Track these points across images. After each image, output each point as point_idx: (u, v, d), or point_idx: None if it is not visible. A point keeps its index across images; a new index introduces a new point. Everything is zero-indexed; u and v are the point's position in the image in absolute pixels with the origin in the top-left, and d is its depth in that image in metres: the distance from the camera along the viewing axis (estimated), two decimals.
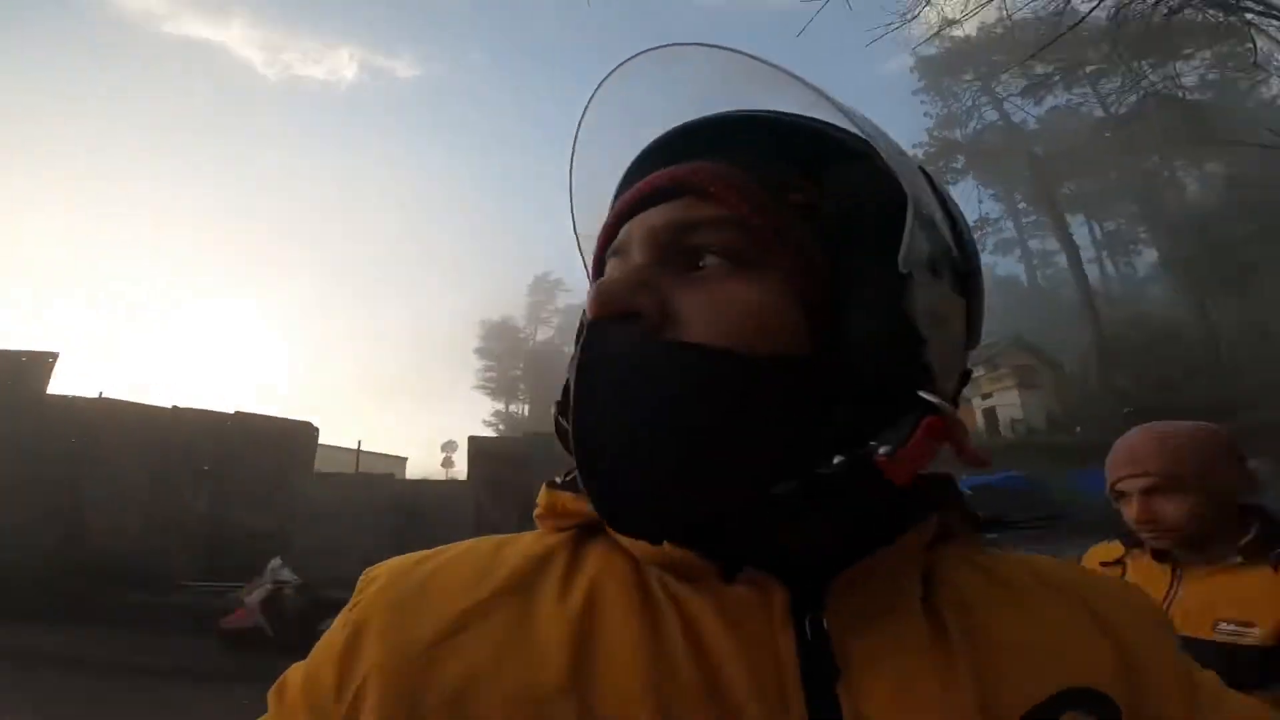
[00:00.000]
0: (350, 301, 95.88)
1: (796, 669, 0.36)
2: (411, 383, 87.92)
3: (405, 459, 22.07)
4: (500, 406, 58.88)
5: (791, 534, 0.38)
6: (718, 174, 0.41)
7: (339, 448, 15.33)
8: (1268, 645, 1.10)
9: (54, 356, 10.19)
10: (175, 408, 10.99)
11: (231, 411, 11.40)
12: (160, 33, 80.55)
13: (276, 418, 11.71)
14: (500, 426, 54.17)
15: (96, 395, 10.48)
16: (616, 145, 0.48)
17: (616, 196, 0.49)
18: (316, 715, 0.38)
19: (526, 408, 57.98)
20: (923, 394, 0.35)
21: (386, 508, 10.94)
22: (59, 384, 10.35)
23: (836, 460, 0.35)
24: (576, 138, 0.49)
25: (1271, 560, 1.16)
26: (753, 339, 0.37)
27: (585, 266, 0.51)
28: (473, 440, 13.06)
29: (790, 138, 0.43)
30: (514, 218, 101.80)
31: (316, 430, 12.01)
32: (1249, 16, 4.66)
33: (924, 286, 0.38)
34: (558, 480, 0.46)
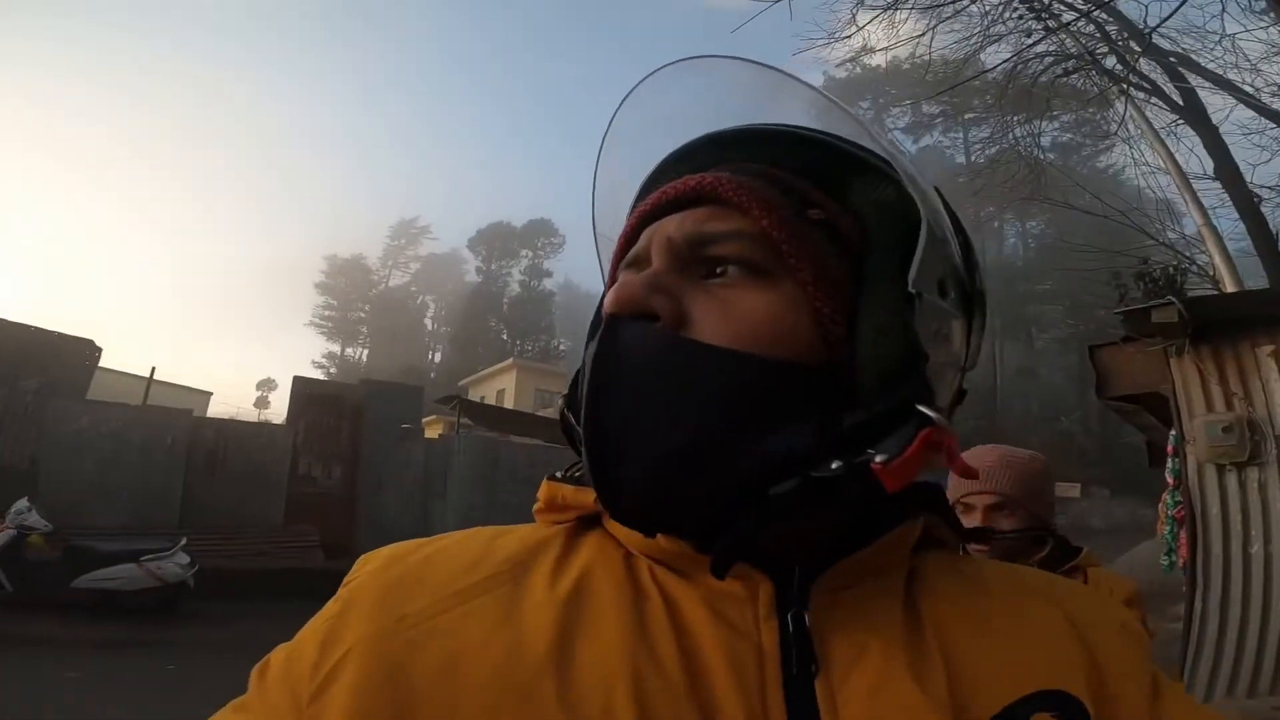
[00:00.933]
0: (177, 214, 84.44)
1: (778, 662, 0.37)
2: (231, 311, 79.52)
3: (209, 394, 19.71)
4: (335, 349, 54.86)
5: (782, 533, 0.38)
6: (740, 185, 0.42)
7: (128, 374, 13.42)
8: None
9: None
10: None
11: None
12: None
13: (45, 330, 10.16)
14: (332, 370, 50.41)
15: None
16: (641, 151, 0.50)
17: (636, 201, 0.50)
18: (290, 693, 0.37)
19: (365, 353, 54.56)
20: (921, 407, 0.37)
21: (177, 448, 9.78)
22: None
23: (835, 465, 0.36)
24: (603, 142, 0.50)
25: (1061, 575, 1.38)
26: (763, 345, 0.38)
27: (600, 265, 0.53)
28: (298, 381, 12.08)
29: (813, 152, 0.45)
30: (387, 156, 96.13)
31: (98, 350, 10.65)
32: (1127, 87, 5.36)
33: (930, 306, 0.40)
34: (559, 475, 0.47)
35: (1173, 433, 3.94)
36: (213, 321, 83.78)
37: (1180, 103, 6.23)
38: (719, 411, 0.37)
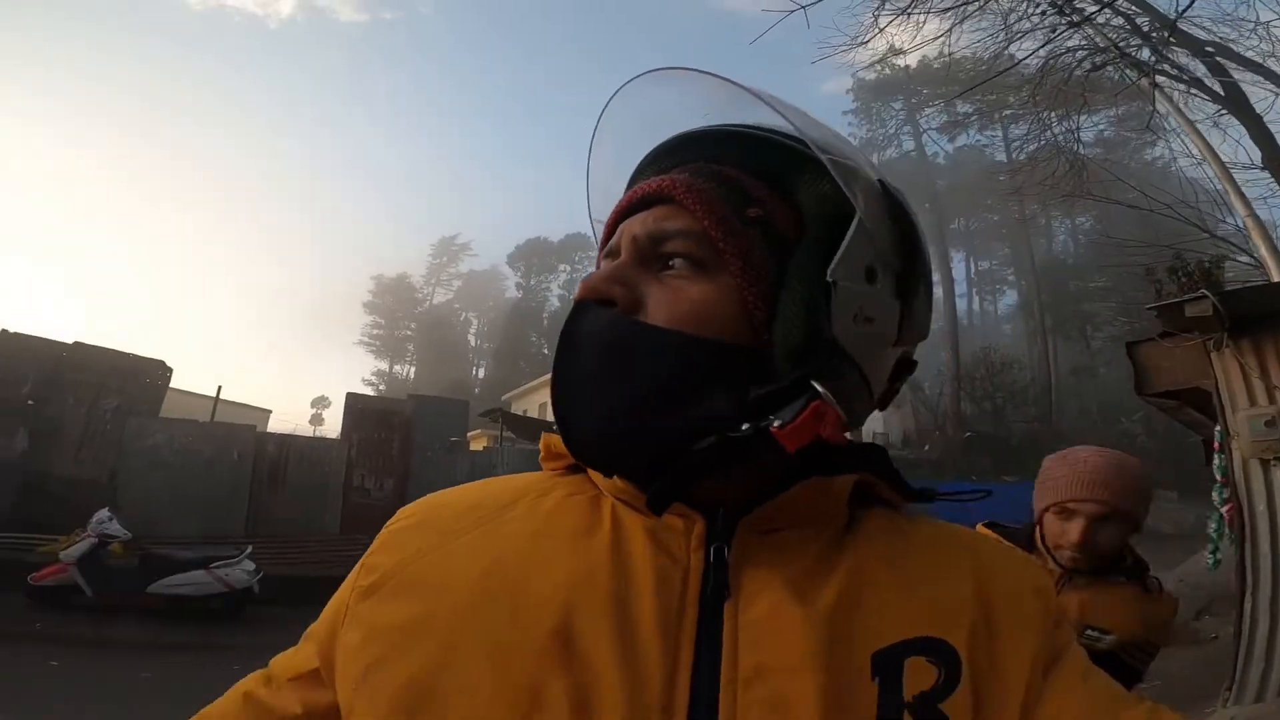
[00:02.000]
0: (235, 241, 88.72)
1: (698, 586, 0.44)
2: (287, 333, 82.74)
3: (269, 412, 20.54)
4: (384, 366, 56.36)
5: (713, 481, 0.45)
6: (690, 188, 0.48)
7: (196, 394, 14.14)
8: (1110, 650, 1.29)
9: None
10: (3, 332, 9.68)
11: (70, 342, 10.22)
12: None
13: (123, 353, 10.72)
14: (381, 387, 51.78)
15: None
16: (625, 148, 0.57)
17: (628, 189, 0.56)
18: (340, 602, 0.51)
19: (412, 370, 55.83)
20: (814, 383, 0.43)
21: (243, 462, 10.28)
22: None
23: (745, 427, 0.42)
24: (593, 139, 0.57)
25: (1142, 583, 1.37)
26: (699, 328, 0.44)
27: (595, 243, 0.59)
28: (351, 397, 12.52)
29: (766, 151, 0.51)
30: (428, 177, 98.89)
31: (169, 371, 11.12)
32: (1159, 79, 5.22)
33: (849, 292, 0.45)
34: (555, 428, 0.53)
35: (1217, 428, 3.85)
36: (270, 343, 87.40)
37: (1221, 93, 6.04)
38: (655, 379, 0.44)
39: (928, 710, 0.41)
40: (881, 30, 5.54)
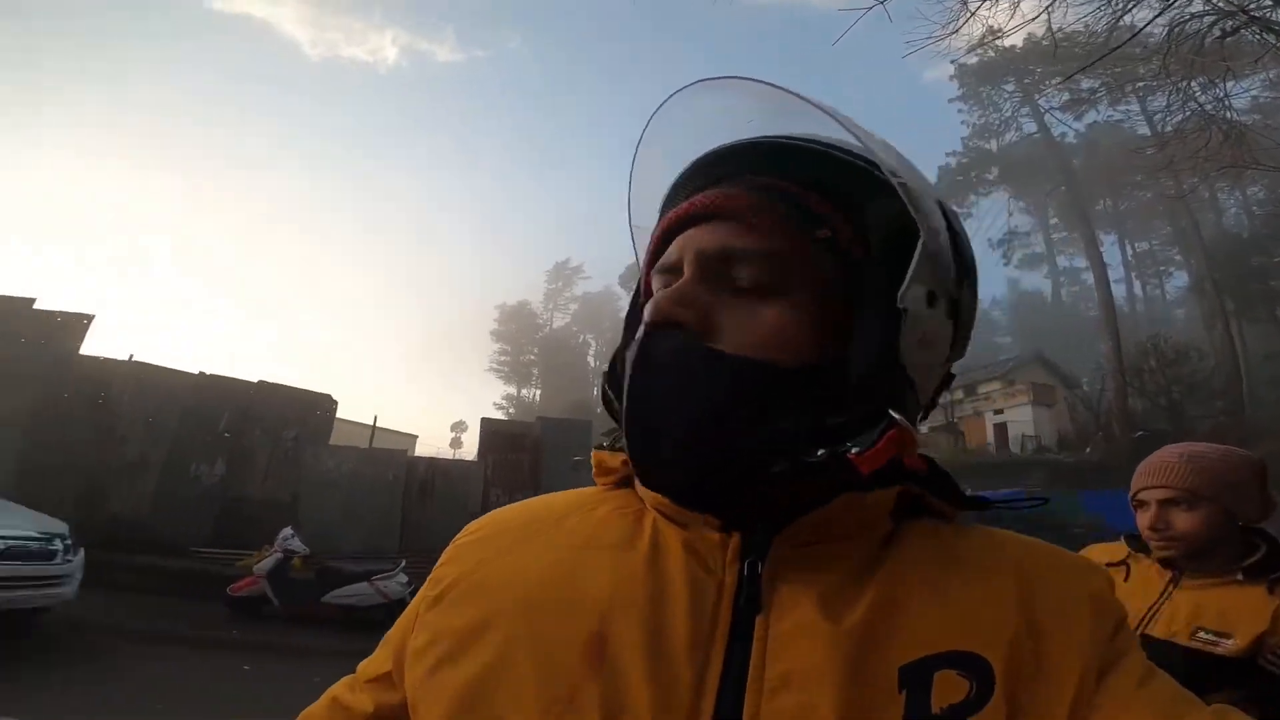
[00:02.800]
0: (375, 279, 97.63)
1: (732, 598, 0.44)
2: (426, 364, 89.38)
3: (415, 437, 22.26)
4: (512, 390, 59.34)
5: (769, 499, 0.45)
6: (759, 208, 0.47)
7: (354, 422, 15.59)
8: (1238, 656, 1.19)
9: (89, 318, 10.29)
10: (202, 374, 11.08)
11: (255, 381, 11.51)
12: (212, 9, 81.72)
13: (298, 389, 11.82)
14: (511, 410, 54.51)
15: (127, 358, 10.53)
16: (672, 155, 0.56)
17: (666, 201, 0.57)
18: (413, 609, 0.55)
19: (537, 393, 58.24)
20: (892, 412, 0.43)
21: (397, 483, 11.13)
22: (92, 345, 10.39)
23: (820, 453, 0.42)
24: (638, 148, 0.56)
25: (1268, 582, 1.26)
26: (772, 352, 0.44)
27: (635, 253, 0.60)
28: (485, 421, 13.22)
29: (826, 167, 0.49)
30: (541, 204, 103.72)
31: (336, 404, 12.17)
32: None
33: (916, 317, 0.45)
34: (604, 444, 0.56)
35: None
36: (412, 373, 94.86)
37: None
38: (727, 408, 0.43)
39: None
40: (973, 14, 5.17)
